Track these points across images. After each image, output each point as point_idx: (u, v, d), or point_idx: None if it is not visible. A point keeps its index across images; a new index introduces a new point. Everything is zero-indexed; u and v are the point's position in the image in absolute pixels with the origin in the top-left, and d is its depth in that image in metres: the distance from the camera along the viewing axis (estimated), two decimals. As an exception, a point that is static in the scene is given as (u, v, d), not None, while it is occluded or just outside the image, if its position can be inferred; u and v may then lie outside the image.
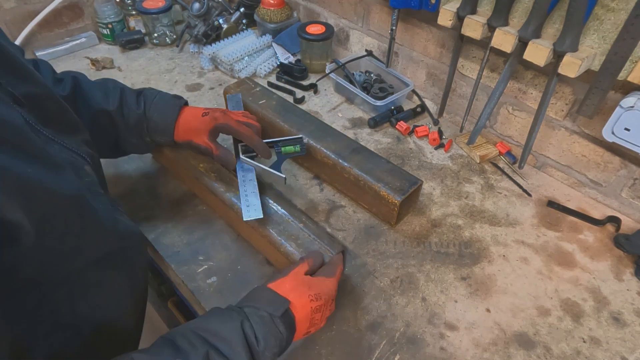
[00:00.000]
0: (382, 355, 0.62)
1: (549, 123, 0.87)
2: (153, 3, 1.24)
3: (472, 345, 0.64)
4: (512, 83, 0.89)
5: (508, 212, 0.84)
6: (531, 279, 0.73)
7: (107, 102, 0.70)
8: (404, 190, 0.75)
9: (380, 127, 1.03)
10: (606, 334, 0.66)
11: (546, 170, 0.93)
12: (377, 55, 1.13)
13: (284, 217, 0.70)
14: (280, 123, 0.89)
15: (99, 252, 0.49)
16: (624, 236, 0.78)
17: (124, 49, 1.27)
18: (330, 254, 0.64)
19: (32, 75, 0.52)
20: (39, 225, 0.39)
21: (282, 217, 0.70)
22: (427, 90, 1.09)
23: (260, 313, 0.51)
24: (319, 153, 0.83)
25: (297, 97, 1.10)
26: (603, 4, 0.65)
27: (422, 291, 0.70)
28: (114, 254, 0.52)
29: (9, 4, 1.14)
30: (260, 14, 1.25)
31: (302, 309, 0.54)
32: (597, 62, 0.69)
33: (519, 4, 0.75)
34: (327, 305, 0.58)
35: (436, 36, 0.98)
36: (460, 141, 0.98)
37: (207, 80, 1.17)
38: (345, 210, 0.83)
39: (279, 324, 0.51)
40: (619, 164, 0.81)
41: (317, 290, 0.56)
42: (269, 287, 0.55)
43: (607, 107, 0.76)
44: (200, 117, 0.73)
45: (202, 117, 0.73)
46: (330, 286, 0.59)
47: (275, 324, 0.51)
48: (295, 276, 0.57)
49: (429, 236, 0.79)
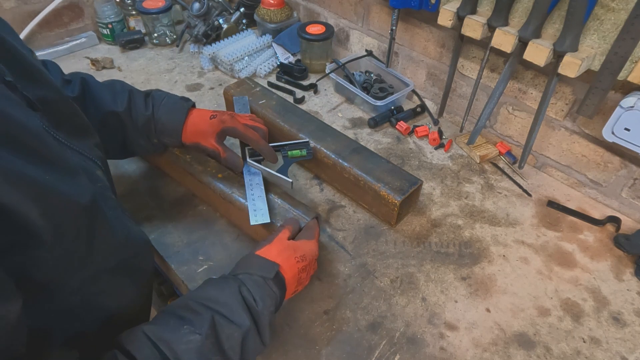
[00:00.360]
0: (382, 355, 0.62)
1: (549, 123, 0.88)
2: (153, 3, 1.24)
3: (472, 345, 0.64)
4: (512, 83, 0.89)
5: (508, 212, 0.84)
6: (531, 279, 0.73)
7: (116, 104, 0.70)
8: (404, 190, 0.75)
9: (380, 127, 1.03)
10: (606, 334, 0.66)
11: (546, 170, 0.93)
12: (377, 55, 1.13)
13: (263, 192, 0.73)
14: (280, 123, 0.89)
15: (111, 262, 0.50)
16: (624, 236, 0.78)
17: (124, 49, 1.27)
18: (306, 220, 0.69)
19: (46, 78, 0.52)
20: (55, 232, 0.39)
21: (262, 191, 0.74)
22: (427, 90, 1.09)
23: (254, 277, 0.56)
24: (319, 153, 0.83)
25: (297, 97, 1.10)
26: (603, 4, 0.65)
27: (422, 291, 0.71)
28: (125, 261, 0.53)
29: (8, 4, 1.14)
30: (260, 14, 1.25)
31: (290, 269, 0.59)
32: (597, 62, 0.69)
33: (519, 4, 0.75)
34: (311, 264, 0.63)
35: (436, 36, 0.98)
36: (460, 141, 0.98)
37: (207, 80, 1.17)
38: (345, 210, 0.83)
39: (272, 286, 0.56)
40: (619, 164, 0.81)
41: (302, 252, 0.62)
42: (257, 254, 0.60)
43: (607, 107, 0.76)
44: (208, 120, 0.73)
45: (210, 119, 0.73)
46: (313, 247, 0.65)
47: (269, 285, 0.56)
48: (280, 242, 0.62)
49: (429, 236, 0.79)
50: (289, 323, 0.65)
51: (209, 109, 0.76)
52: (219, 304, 0.51)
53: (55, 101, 0.52)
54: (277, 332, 0.64)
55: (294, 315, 0.66)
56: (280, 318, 0.66)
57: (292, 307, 0.67)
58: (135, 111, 0.71)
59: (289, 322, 0.66)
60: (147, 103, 0.72)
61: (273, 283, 0.56)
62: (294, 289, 0.61)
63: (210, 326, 0.49)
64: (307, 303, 0.68)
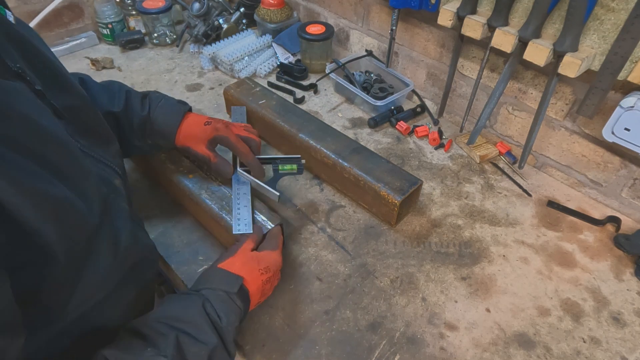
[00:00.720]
0: (382, 355, 0.62)
1: (549, 123, 0.88)
2: (153, 3, 1.24)
3: (472, 345, 0.64)
4: (512, 83, 0.89)
5: (508, 212, 0.84)
6: (531, 279, 0.73)
7: (113, 104, 0.70)
8: (403, 190, 0.75)
9: (380, 127, 1.03)
10: (606, 334, 0.66)
11: (546, 170, 0.93)
12: (377, 55, 1.13)
13: (227, 194, 0.74)
14: (280, 123, 0.89)
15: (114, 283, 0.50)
16: (624, 236, 0.78)
17: (124, 49, 1.27)
18: (269, 227, 0.69)
19: (72, 86, 0.52)
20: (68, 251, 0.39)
21: (225, 193, 0.74)
22: (427, 90, 1.09)
23: (218, 293, 0.55)
24: (319, 153, 0.83)
25: (297, 97, 1.10)
26: (603, 4, 0.65)
27: (422, 291, 0.70)
28: (131, 271, 0.53)
29: (9, 4, 1.14)
30: (260, 14, 1.25)
31: (254, 282, 0.59)
32: (597, 62, 0.69)
33: (519, 4, 0.75)
34: (275, 275, 0.63)
35: (436, 36, 0.98)
36: (460, 141, 0.98)
37: (207, 80, 1.17)
38: (345, 210, 0.83)
39: (236, 300, 0.55)
40: (619, 164, 0.81)
41: (266, 264, 0.61)
42: (220, 267, 0.59)
43: (607, 107, 0.76)
44: (202, 126, 0.73)
45: (204, 125, 0.73)
46: (276, 258, 0.64)
47: (233, 300, 0.55)
48: (244, 253, 0.61)
49: (429, 236, 0.79)
50: (289, 323, 0.65)
51: (205, 115, 0.77)
52: (183, 322, 0.50)
53: (81, 109, 0.53)
54: (277, 332, 0.64)
55: (294, 315, 0.66)
56: (280, 318, 0.66)
57: (292, 307, 0.67)
58: (131, 111, 0.71)
59: (289, 322, 0.66)
60: (143, 104, 0.72)
61: (237, 297, 0.55)
62: (257, 300, 0.61)
63: (175, 347, 0.47)
64: (307, 303, 0.68)
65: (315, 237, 0.78)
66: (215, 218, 0.72)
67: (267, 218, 0.71)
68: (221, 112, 1.05)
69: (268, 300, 0.68)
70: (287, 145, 0.91)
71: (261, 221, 0.70)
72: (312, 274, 0.72)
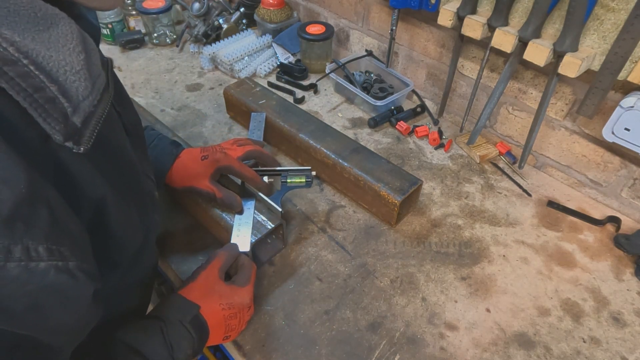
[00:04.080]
0: (382, 355, 0.62)
1: (549, 123, 0.88)
2: (153, 3, 1.24)
3: (472, 345, 0.64)
4: (512, 83, 0.89)
5: (508, 212, 0.84)
6: (531, 279, 0.73)
7: None
8: (404, 190, 0.75)
9: (380, 127, 1.03)
10: (606, 334, 0.66)
11: (546, 170, 0.93)
12: (377, 55, 1.13)
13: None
14: (280, 123, 0.89)
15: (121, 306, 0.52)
16: (624, 236, 0.78)
17: (124, 49, 1.27)
18: (269, 227, 0.69)
19: (130, 101, 0.53)
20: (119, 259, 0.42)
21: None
22: (427, 90, 1.09)
23: (172, 320, 0.53)
24: (319, 153, 0.83)
25: (297, 97, 1.10)
26: (603, 4, 0.65)
27: (422, 291, 0.70)
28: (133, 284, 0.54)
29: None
30: (260, 14, 1.25)
31: (214, 315, 0.56)
32: (597, 62, 0.69)
33: (519, 4, 0.75)
34: (242, 311, 0.59)
35: (436, 36, 0.98)
36: (460, 141, 0.98)
37: (207, 80, 1.17)
38: (345, 210, 0.83)
39: (189, 328, 0.53)
40: (619, 164, 0.81)
41: (229, 300, 0.58)
42: (179, 293, 0.57)
43: (607, 107, 0.76)
44: (199, 161, 0.71)
45: (201, 160, 0.71)
46: (243, 295, 0.60)
47: (186, 328, 0.53)
48: (206, 280, 0.59)
49: (429, 236, 0.79)
50: (289, 323, 0.65)
51: (197, 147, 0.75)
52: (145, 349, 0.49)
53: (137, 125, 0.53)
54: (277, 332, 0.64)
55: (294, 315, 0.66)
56: (280, 318, 0.66)
57: (292, 307, 0.67)
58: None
59: (289, 322, 0.66)
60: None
61: (190, 325, 0.53)
62: (223, 334, 0.58)
63: None
64: (307, 303, 0.68)
65: (315, 237, 0.78)
66: (215, 218, 0.71)
67: (267, 218, 0.71)
68: (221, 112, 1.05)
69: (268, 300, 0.68)
70: (287, 145, 0.91)
71: (261, 221, 0.70)
72: (312, 274, 0.72)
